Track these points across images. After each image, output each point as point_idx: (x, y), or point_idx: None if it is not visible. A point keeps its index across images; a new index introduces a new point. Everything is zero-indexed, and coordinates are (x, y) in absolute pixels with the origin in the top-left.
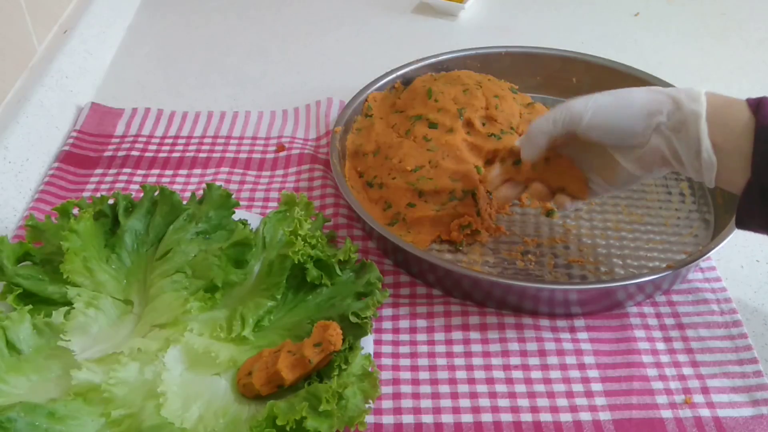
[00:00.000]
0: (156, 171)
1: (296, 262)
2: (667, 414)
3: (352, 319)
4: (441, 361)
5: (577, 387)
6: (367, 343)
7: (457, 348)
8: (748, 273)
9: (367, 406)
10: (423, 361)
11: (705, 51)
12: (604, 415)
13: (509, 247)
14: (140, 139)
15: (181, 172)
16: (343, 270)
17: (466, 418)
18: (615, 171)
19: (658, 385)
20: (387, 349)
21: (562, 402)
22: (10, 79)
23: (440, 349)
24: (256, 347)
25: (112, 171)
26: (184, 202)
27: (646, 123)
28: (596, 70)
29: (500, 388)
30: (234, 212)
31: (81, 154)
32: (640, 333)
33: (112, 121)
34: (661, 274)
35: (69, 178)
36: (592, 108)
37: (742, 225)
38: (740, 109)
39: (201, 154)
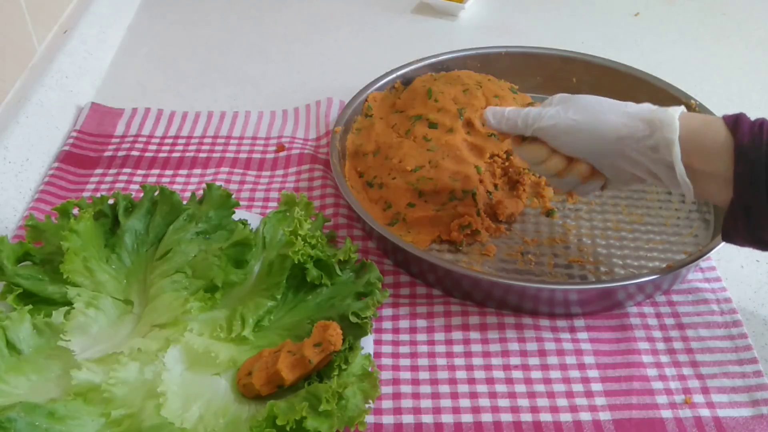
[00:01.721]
0: (156, 171)
1: (296, 262)
2: (667, 414)
3: (352, 319)
4: (441, 361)
5: (577, 387)
6: (367, 343)
7: (457, 348)
8: (748, 273)
9: (367, 406)
10: (423, 361)
11: (705, 51)
12: (604, 415)
13: (509, 247)
14: (140, 139)
15: (181, 172)
16: (343, 270)
17: (466, 418)
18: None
19: (658, 385)
20: (387, 349)
21: (562, 402)
22: (10, 79)
23: (440, 349)
24: (256, 347)
25: (112, 171)
26: (184, 202)
27: (614, 147)
28: (596, 70)
29: (500, 388)
30: (234, 212)
31: (81, 154)
32: (640, 333)
33: (112, 121)
34: (661, 274)
35: (69, 178)
36: (561, 129)
37: (728, 239)
38: (717, 128)
39: (201, 154)
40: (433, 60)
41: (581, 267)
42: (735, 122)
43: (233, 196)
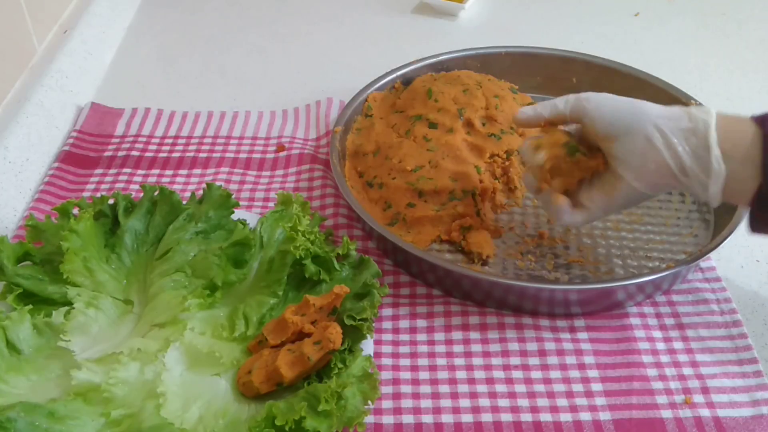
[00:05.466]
0: (156, 171)
1: (298, 257)
2: (667, 414)
3: (348, 321)
4: (441, 361)
5: (577, 387)
6: (367, 344)
7: (457, 348)
8: (748, 273)
9: (366, 407)
10: (423, 361)
11: (705, 51)
12: (604, 415)
13: (509, 247)
14: (140, 139)
15: (181, 172)
16: (342, 266)
17: (466, 418)
18: (617, 186)
19: (658, 385)
20: (387, 349)
21: (562, 402)
22: (10, 79)
23: (440, 349)
24: None
25: (112, 171)
26: (184, 202)
27: (653, 120)
28: (596, 70)
29: (500, 388)
30: (233, 212)
31: (81, 154)
32: (640, 333)
33: (112, 121)
34: (661, 274)
35: (69, 178)
36: (604, 96)
37: (756, 230)
38: (746, 123)
39: (201, 154)
40: (433, 60)
41: (581, 267)
42: (763, 119)
43: (233, 196)
